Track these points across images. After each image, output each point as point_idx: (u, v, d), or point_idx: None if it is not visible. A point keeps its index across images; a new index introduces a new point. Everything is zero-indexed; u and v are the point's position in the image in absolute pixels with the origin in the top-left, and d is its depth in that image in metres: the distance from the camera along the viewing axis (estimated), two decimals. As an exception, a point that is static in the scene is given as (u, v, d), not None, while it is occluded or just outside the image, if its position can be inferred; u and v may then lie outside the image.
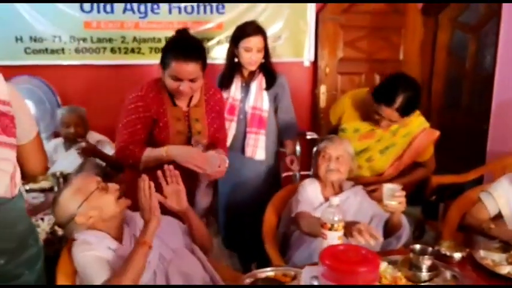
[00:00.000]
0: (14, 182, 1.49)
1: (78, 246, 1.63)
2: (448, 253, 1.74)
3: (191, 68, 1.90)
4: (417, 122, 2.33)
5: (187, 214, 1.83)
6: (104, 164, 2.92)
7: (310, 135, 3.80)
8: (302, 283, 1.27)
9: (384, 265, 1.66)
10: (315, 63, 3.98)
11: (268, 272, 1.64)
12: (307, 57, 3.94)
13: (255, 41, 2.55)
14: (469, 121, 3.88)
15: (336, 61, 3.99)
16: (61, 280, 1.70)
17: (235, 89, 2.66)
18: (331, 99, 3.92)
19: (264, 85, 2.66)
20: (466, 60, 3.94)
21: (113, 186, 1.72)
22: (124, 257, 1.61)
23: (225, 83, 2.67)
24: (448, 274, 1.62)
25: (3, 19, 3.48)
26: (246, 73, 2.69)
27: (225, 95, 2.57)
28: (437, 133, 2.35)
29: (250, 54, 2.56)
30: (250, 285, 1.51)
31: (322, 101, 3.98)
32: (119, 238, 1.70)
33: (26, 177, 1.66)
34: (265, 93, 2.66)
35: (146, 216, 1.62)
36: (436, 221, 3.04)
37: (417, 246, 1.68)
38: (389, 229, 1.96)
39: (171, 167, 1.80)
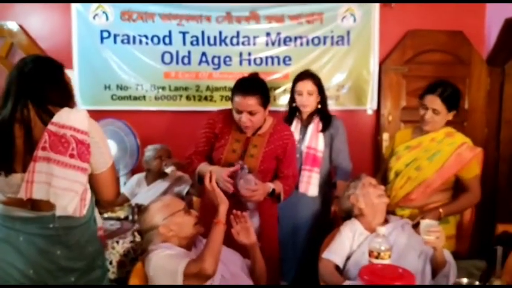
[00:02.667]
0: (84, 203, 1.69)
1: (155, 252, 1.83)
2: (498, 290, 1.74)
3: (249, 101, 2.15)
4: (461, 135, 2.47)
5: (253, 248, 2.01)
6: (184, 194, 3.28)
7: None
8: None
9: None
10: (377, 111, 4.08)
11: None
12: (370, 106, 4.05)
13: (304, 85, 2.83)
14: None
15: (399, 109, 4.06)
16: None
17: (295, 130, 2.85)
18: (393, 146, 3.96)
19: (320, 127, 2.84)
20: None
21: (194, 213, 1.98)
22: None
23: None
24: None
25: (95, 69, 3.95)
26: (304, 116, 2.91)
27: None
28: (479, 149, 2.44)
29: (302, 98, 2.84)
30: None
31: (385, 148, 4.03)
32: None
33: (100, 204, 1.87)
34: (320, 135, 2.84)
35: (216, 202, 1.86)
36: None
37: (464, 280, 1.69)
38: (435, 266, 1.98)
39: (239, 212, 2.00)
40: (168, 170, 3.40)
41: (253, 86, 2.21)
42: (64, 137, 1.60)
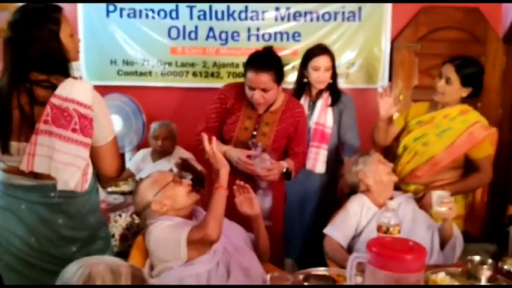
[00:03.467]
0: (86, 178, 1.63)
1: (153, 224, 1.79)
2: (511, 269, 1.68)
3: (263, 77, 2.07)
4: (475, 113, 2.39)
5: (257, 220, 1.95)
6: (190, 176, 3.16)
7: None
8: (347, 268, 1.30)
9: (441, 275, 1.64)
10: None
11: (322, 271, 1.69)
12: (381, 84, 3.94)
13: (322, 60, 2.71)
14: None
15: (411, 88, 3.96)
16: (134, 258, 1.84)
17: None
18: (404, 126, 3.87)
19: (329, 102, 2.76)
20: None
21: (186, 181, 1.90)
22: None
23: None
24: (508, 288, 1.58)
25: (101, 44, 3.90)
26: (314, 92, 2.82)
27: None
28: (493, 129, 2.36)
29: (319, 73, 2.72)
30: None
31: (395, 121, 3.93)
32: None
33: (101, 179, 1.81)
34: (329, 110, 2.76)
35: (216, 167, 1.81)
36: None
37: (476, 257, 1.64)
38: (442, 238, 1.95)
39: (242, 182, 1.94)
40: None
41: (267, 61, 2.13)
42: (67, 110, 1.56)
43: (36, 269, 1.69)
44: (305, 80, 2.81)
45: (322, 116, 2.75)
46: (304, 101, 2.80)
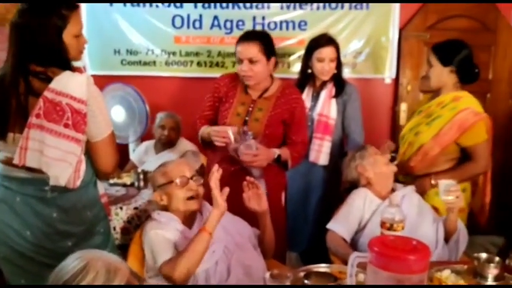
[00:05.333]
0: (78, 174, 1.59)
1: (151, 223, 1.76)
2: (519, 267, 1.63)
3: (249, 47, 2.13)
4: (467, 100, 2.30)
5: (264, 217, 1.90)
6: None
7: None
8: (348, 266, 1.26)
9: (446, 272, 1.60)
10: (396, 80, 3.91)
11: (324, 268, 1.65)
12: (389, 74, 3.88)
13: (327, 52, 2.65)
14: None
15: (419, 79, 3.87)
16: (131, 260, 1.83)
17: (306, 97, 2.73)
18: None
19: (333, 93, 2.71)
20: None
21: (192, 186, 1.80)
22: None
23: None
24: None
25: (105, 34, 3.86)
26: (318, 83, 2.76)
27: None
28: (483, 114, 2.27)
29: (323, 64, 2.65)
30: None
31: (402, 119, 3.86)
32: (188, 224, 1.80)
33: (98, 174, 1.77)
34: (333, 102, 2.71)
35: (213, 204, 1.69)
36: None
37: (483, 255, 1.59)
38: (447, 232, 1.95)
39: (252, 179, 1.88)
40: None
41: (254, 33, 2.25)
42: (59, 104, 1.52)
43: (34, 262, 1.67)
44: (309, 70, 2.75)
45: (325, 107, 2.70)
46: (307, 92, 2.76)
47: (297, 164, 2.33)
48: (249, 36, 2.18)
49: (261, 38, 2.18)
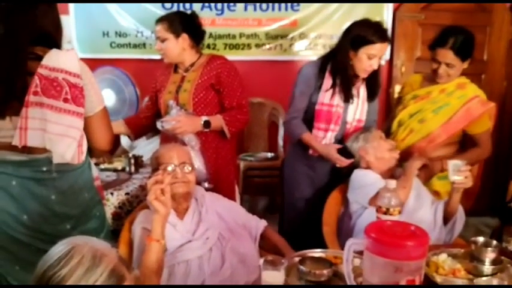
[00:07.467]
0: (81, 149, 1.58)
1: (142, 213, 1.73)
2: (516, 250, 1.62)
3: (157, 27, 2.30)
4: (473, 87, 2.29)
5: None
6: None
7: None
8: (344, 253, 1.23)
9: (443, 256, 1.58)
10: (390, 61, 3.87)
11: (319, 253, 1.62)
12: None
13: (382, 49, 2.19)
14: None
15: (413, 60, 3.84)
16: (122, 247, 1.79)
17: (337, 95, 2.29)
18: (406, 99, 3.77)
19: (366, 96, 2.36)
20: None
21: (177, 174, 1.72)
22: (183, 233, 1.69)
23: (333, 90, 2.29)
24: (513, 270, 1.51)
25: (93, 16, 3.77)
26: (353, 80, 2.31)
27: (325, 100, 2.29)
28: (492, 104, 2.26)
29: (372, 62, 2.19)
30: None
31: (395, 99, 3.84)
32: (182, 213, 1.76)
33: (92, 151, 1.73)
34: (365, 106, 2.37)
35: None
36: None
37: (480, 239, 1.57)
38: (447, 214, 1.94)
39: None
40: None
41: (166, 15, 2.34)
42: (56, 80, 1.49)
43: (30, 248, 1.63)
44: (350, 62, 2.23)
45: (363, 112, 2.35)
46: (338, 89, 2.28)
47: (236, 130, 2.30)
48: (159, 18, 2.32)
49: (167, 18, 2.30)
